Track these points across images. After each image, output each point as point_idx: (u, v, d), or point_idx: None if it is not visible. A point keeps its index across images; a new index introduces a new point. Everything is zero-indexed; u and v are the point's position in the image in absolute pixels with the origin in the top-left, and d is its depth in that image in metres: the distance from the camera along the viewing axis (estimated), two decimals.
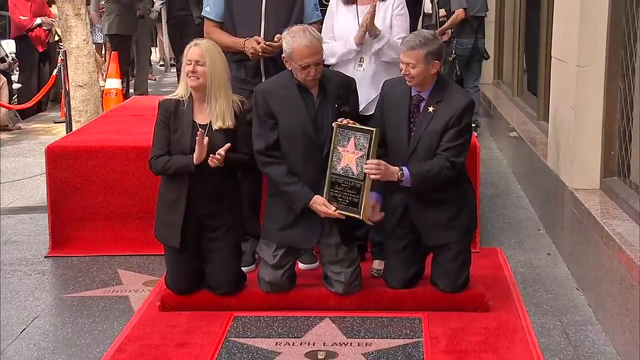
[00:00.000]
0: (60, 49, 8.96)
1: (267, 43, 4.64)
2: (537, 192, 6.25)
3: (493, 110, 9.06)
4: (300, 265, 4.82)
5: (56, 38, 10.93)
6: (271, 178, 4.37)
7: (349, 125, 4.22)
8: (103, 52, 12.70)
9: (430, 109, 4.27)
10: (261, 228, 4.58)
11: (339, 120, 4.25)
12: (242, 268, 4.58)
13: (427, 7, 10.06)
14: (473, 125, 5.09)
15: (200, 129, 4.23)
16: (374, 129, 4.23)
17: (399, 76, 4.49)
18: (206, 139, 4.17)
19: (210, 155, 4.17)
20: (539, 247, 5.45)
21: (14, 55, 10.91)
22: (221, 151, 4.18)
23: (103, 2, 10.99)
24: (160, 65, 15.75)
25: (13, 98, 10.65)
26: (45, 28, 10.77)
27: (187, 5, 10.38)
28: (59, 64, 8.46)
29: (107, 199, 5.41)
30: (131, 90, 11.17)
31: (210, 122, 4.31)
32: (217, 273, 4.40)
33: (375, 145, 4.20)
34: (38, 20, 10.63)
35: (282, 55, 4.38)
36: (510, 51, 9.46)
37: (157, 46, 16.18)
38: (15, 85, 10.83)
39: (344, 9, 4.80)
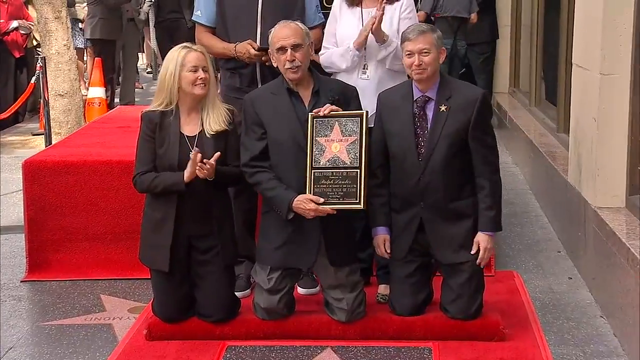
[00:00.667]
0: (39, 54, 8.99)
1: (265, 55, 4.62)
2: (557, 211, 6.25)
3: (509, 121, 9.07)
4: (299, 290, 4.82)
5: (34, 43, 10.95)
6: (257, 187, 4.37)
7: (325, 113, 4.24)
8: (85, 58, 12.72)
9: (443, 107, 4.28)
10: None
11: (314, 110, 4.26)
12: (235, 293, 4.58)
13: None
14: None
15: (196, 148, 4.22)
16: (363, 111, 4.27)
17: (395, 85, 4.51)
18: (199, 156, 4.17)
19: (199, 164, 4.17)
20: (559, 271, 5.44)
21: None
22: (211, 161, 4.18)
23: (86, 5, 11.02)
24: (148, 72, 15.79)
25: None
26: (22, 32, 10.79)
27: (179, 7, 10.40)
28: (37, 71, 8.46)
29: (89, 218, 5.41)
30: (116, 100, 11.18)
31: (200, 132, 4.32)
32: (209, 299, 4.39)
33: (367, 129, 4.23)
34: (15, 24, 10.65)
35: (268, 50, 4.43)
36: (527, 57, 9.48)
37: (144, 51, 16.22)
38: None
39: (347, 11, 4.82)
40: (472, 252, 4.29)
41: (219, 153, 4.21)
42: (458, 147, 4.27)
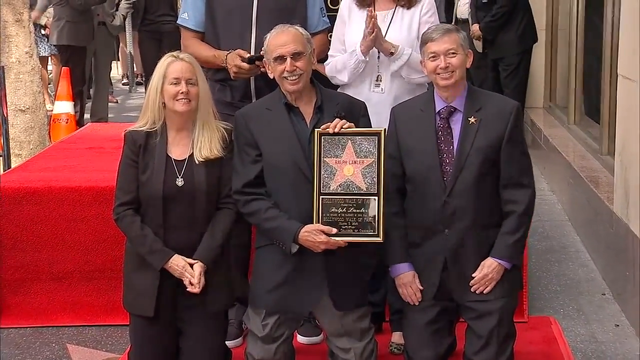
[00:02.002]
0: None
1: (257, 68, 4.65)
2: (600, 246, 6.25)
3: (544, 141, 9.09)
4: (300, 339, 4.83)
5: None
6: (253, 217, 4.34)
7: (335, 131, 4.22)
8: (50, 67, 12.76)
9: (472, 119, 4.30)
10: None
11: (322, 126, 4.25)
12: (226, 342, 4.58)
13: (461, 11, 10.17)
14: None
15: (193, 286, 4.25)
16: (381, 128, 4.26)
17: (411, 97, 4.55)
18: (197, 290, 4.24)
19: (188, 289, 4.22)
20: (604, 317, 5.45)
21: None
22: (196, 289, 4.23)
23: (51, 6, 11.07)
24: (124, 84, 15.84)
25: None
26: None
27: (172, 10, 10.44)
28: None
29: (55, 254, 5.42)
30: (86, 116, 11.21)
31: (191, 155, 4.32)
32: (195, 349, 4.38)
33: (385, 149, 4.21)
34: None
35: (264, 59, 4.46)
36: (565, 67, 9.52)
37: (119, 60, 16.29)
38: None
39: (358, 14, 4.84)
40: (473, 274, 4.28)
41: (200, 276, 4.25)
42: (490, 164, 4.28)
